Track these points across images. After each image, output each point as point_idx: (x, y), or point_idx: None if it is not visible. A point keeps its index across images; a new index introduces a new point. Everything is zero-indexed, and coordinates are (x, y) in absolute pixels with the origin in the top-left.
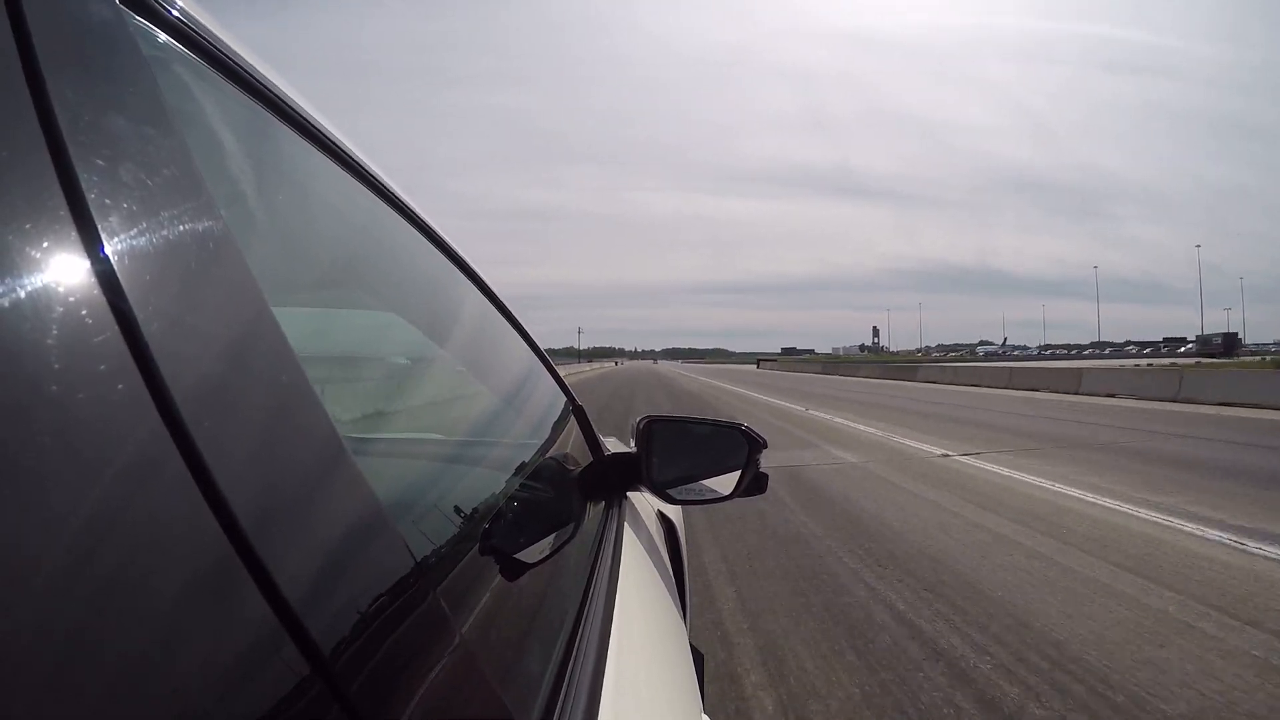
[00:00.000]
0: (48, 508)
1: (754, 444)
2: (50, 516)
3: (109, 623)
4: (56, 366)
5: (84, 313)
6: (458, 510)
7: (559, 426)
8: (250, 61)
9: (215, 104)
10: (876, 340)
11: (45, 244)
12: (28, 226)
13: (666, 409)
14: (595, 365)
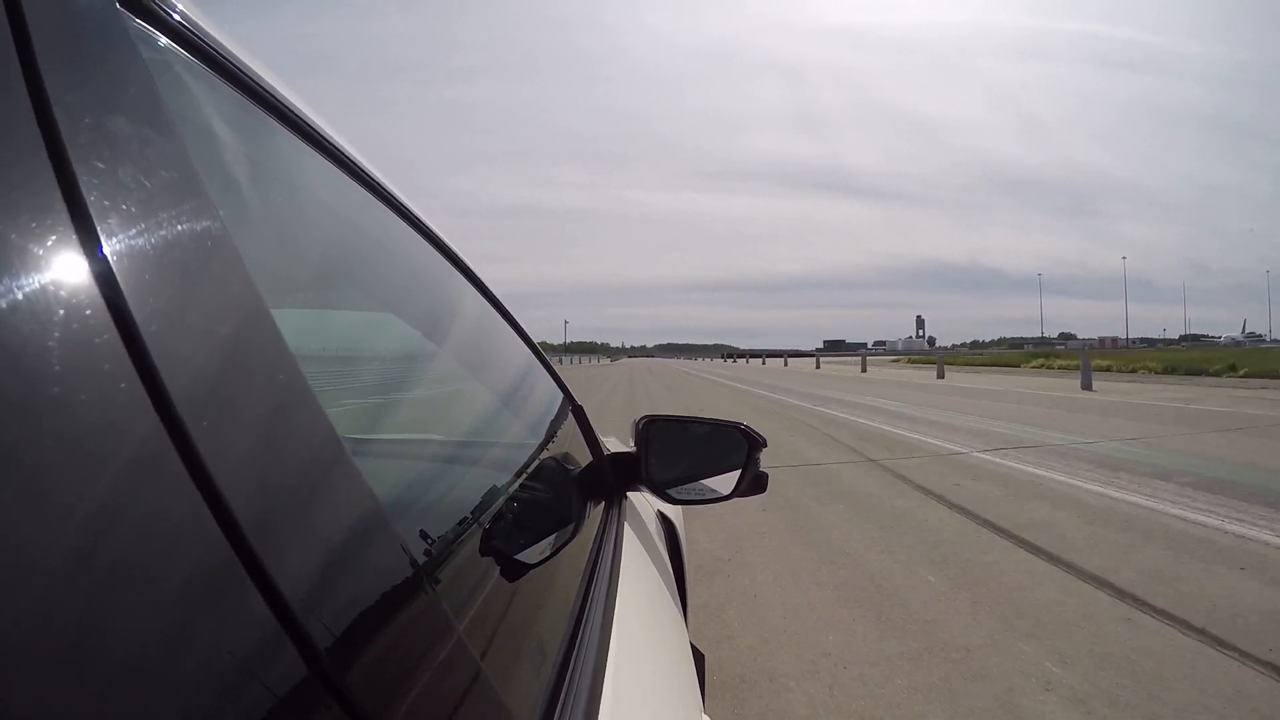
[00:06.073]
0: (46, 507)
1: (753, 443)
2: (48, 516)
3: (107, 622)
4: (55, 367)
5: (83, 313)
6: (457, 510)
7: (558, 426)
8: (249, 64)
9: (214, 106)
10: (922, 333)
11: (44, 245)
12: (27, 228)
13: None
14: None
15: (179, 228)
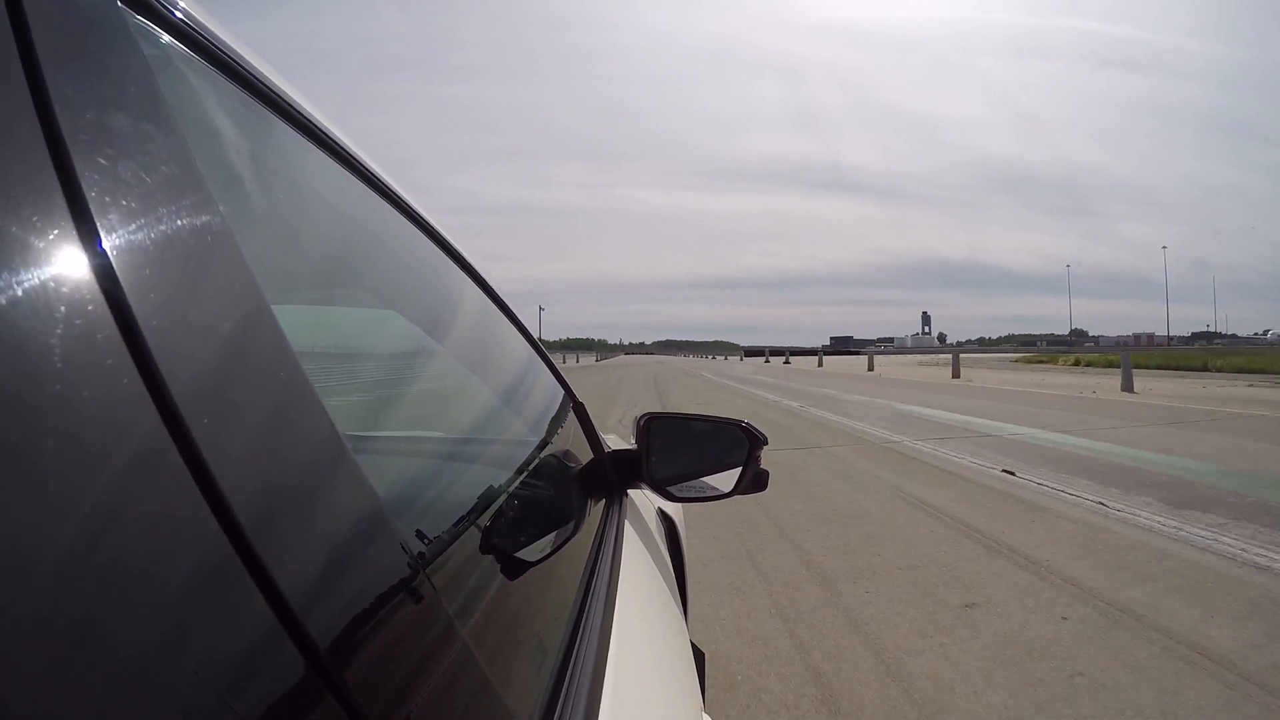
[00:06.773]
0: (45, 504)
1: (754, 441)
2: (48, 513)
3: (106, 620)
4: (56, 363)
5: (84, 310)
6: (457, 508)
7: (559, 423)
8: (250, 60)
9: (215, 102)
10: (928, 329)
11: (45, 241)
12: (28, 223)
13: None
14: None
15: (180, 224)
